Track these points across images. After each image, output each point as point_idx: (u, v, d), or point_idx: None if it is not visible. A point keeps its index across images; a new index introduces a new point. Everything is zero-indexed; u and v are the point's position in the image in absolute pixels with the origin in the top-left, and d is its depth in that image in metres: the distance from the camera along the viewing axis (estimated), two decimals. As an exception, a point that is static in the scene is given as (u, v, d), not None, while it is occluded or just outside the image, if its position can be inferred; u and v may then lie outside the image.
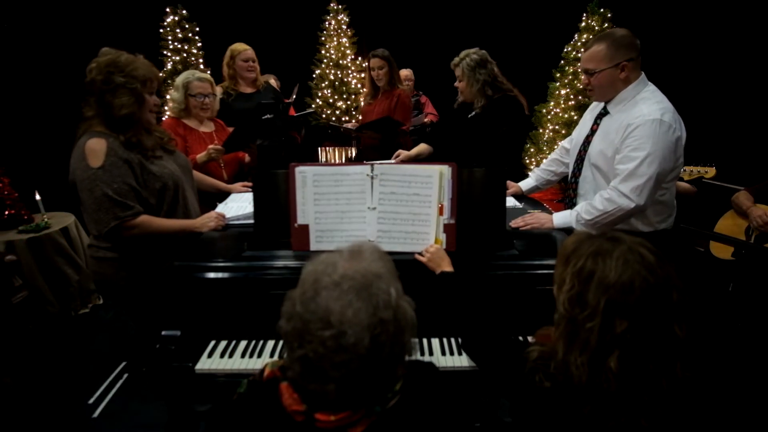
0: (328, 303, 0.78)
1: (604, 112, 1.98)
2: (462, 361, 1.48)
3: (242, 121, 2.81)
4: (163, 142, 1.88)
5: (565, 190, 2.28)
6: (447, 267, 1.46)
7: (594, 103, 2.13)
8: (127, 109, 1.68)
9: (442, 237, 1.56)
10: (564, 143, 2.33)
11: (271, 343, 1.57)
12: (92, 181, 1.64)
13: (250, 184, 2.46)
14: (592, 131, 2.02)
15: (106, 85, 1.66)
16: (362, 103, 3.76)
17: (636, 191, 1.75)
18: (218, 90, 3.10)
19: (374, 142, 3.55)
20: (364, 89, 3.94)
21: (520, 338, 1.57)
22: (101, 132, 1.69)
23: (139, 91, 1.69)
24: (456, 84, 2.68)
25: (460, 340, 1.50)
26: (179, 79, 2.55)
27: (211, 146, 2.48)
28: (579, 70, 2.03)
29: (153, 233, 1.75)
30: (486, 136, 2.59)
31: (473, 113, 2.70)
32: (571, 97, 4.83)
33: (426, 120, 4.72)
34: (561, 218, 1.90)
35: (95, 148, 1.65)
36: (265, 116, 3.00)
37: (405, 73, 4.75)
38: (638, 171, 1.74)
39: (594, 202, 1.86)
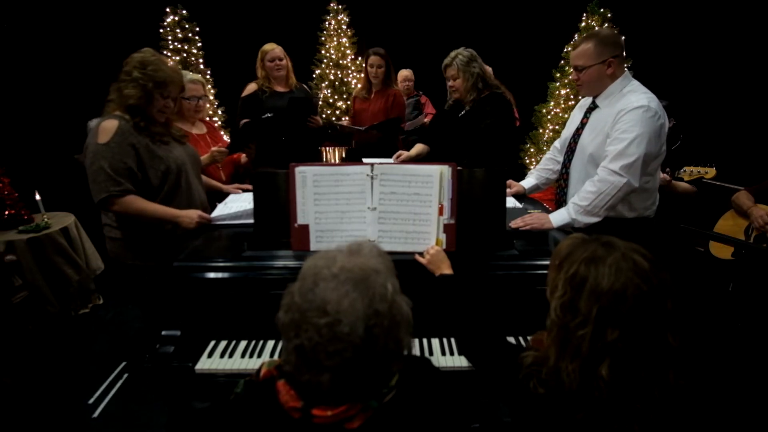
0: (325, 293, 0.80)
1: (593, 106, 2.09)
2: (462, 361, 1.48)
3: (251, 120, 2.86)
4: (174, 134, 2.03)
5: (556, 182, 2.32)
6: (447, 269, 1.46)
7: (582, 101, 2.25)
8: (133, 101, 1.85)
9: (443, 237, 1.56)
10: (556, 143, 2.41)
11: (271, 343, 1.57)
12: (95, 154, 1.81)
13: (244, 186, 2.52)
14: (582, 124, 2.12)
15: (126, 76, 1.85)
16: (356, 97, 3.76)
17: (625, 168, 1.85)
18: (252, 86, 3.22)
19: (371, 140, 3.57)
20: (359, 85, 3.95)
21: (520, 339, 1.57)
22: (117, 115, 1.86)
23: (149, 89, 1.85)
24: (450, 84, 2.70)
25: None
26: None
27: (215, 148, 2.51)
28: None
29: (134, 213, 1.87)
30: (475, 134, 2.62)
31: (463, 112, 2.72)
32: (571, 97, 4.82)
33: (425, 120, 4.72)
34: (558, 216, 1.92)
35: (107, 127, 1.83)
36: (266, 115, 3.02)
37: (405, 73, 4.75)
38: (628, 151, 1.85)
39: (586, 187, 1.92)
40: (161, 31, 4.82)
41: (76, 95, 4.40)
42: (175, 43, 4.84)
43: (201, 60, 4.99)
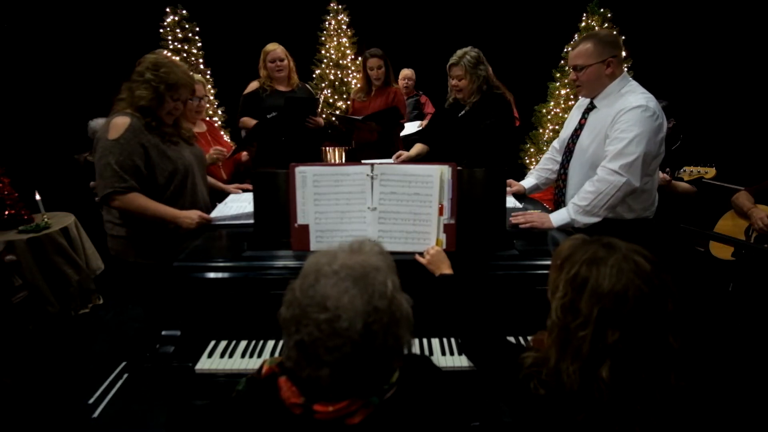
0: (325, 289, 0.81)
1: (591, 107, 2.09)
2: (462, 361, 1.48)
3: (258, 121, 2.90)
4: (183, 134, 2.06)
5: (555, 182, 2.32)
6: (447, 270, 1.46)
7: (580, 101, 2.25)
8: (143, 101, 1.87)
9: (443, 237, 1.56)
10: (554, 143, 2.42)
11: (271, 343, 1.57)
12: (104, 149, 1.83)
13: (244, 186, 2.53)
14: (580, 125, 2.12)
15: (139, 77, 1.88)
16: (354, 99, 3.78)
17: (625, 168, 1.86)
18: (254, 84, 3.26)
19: (370, 138, 3.57)
20: (358, 85, 3.96)
21: (520, 338, 1.57)
22: (129, 113, 1.88)
23: (160, 92, 1.87)
24: (455, 83, 2.68)
25: (459, 340, 1.50)
26: None
27: (214, 148, 2.53)
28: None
29: (134, 211, 1.88)
30: (475, 133, 2.62)
31: (463, 112, 2.72)
32: (571, 97, 4.82)
33: (424, 122, 4.71)
34: (558, 216, 1.92)
35: (118, 123, 1.85)
36: (271, 114, 3.04)
37: (406, 72, 4.75)
38: (627, 150, 1.85)
39: (585, 187, 1.93)
40: (161, 31, 4.82)
41: (76, 95, 4.41)
42: (175, 43, 4.84)
43: (201, 60, 5.00)
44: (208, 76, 4.99)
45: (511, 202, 2.22)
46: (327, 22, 5.30)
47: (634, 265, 0.91)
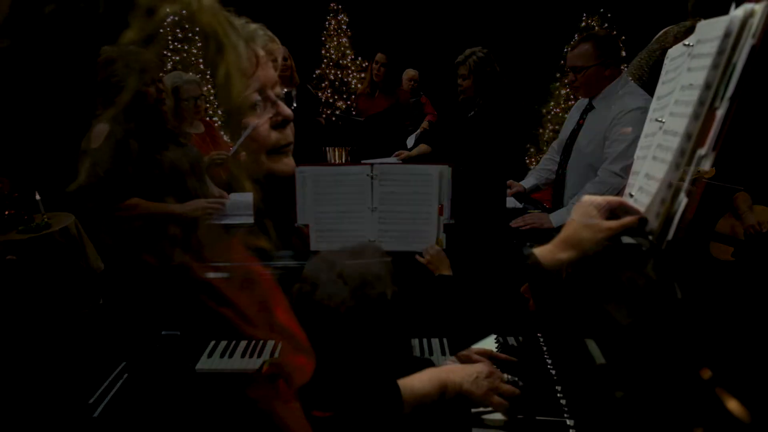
0: (321, 299, 0.80)
1: (589, 107, 2.09)
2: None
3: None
4: (174, 137, 2.05)
5: (554, 182, 2.32)
6: (446, 270, 1.46)
7: (579, 102, 2.26)
8: (122, 106, 1.75)
9: (443, 237, 1.57)
10: (554, 144, 2.43)
11: (271, 343, 1.57)
12: (89, 159, 1.85)
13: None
14: (579, 125, 2.13)
15: (105, 85, 1.91)
16: (360, 96, 3.81)
17: (626, 170, 1.84)
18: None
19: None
20: (359, 85, 4.01)
21: (520, 339, 1.57)
22: (110, 119, 1.88)
23: (134, 86, 1.77)
24: (460, 81, 2.69)
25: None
26: (166, 84, 2.54)
27: (213, 153, 2.50)
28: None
29: (137, 214, 1.90)
30: (485, 135, 2.62)
31: (472, 113, 2.72)
32: (572, 97, 4.83)
33: (425, 123, 4.71)
34: (558, 216, 1.93)
35: (98, 131, 1.89)
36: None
37: (411, 73, 4.76)
38: (628, 152, 1.85)
39: (587, 189, 1.93)
40: (161, 31, 4.82)
41: (77, 95, 4.40)
42: (175, 43, 4.84)
43: (201, 60, 4.99)
44: (208, 76, 4.98)
45: (511, 202, 2.23)
46: (327, 22, 5.31)
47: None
